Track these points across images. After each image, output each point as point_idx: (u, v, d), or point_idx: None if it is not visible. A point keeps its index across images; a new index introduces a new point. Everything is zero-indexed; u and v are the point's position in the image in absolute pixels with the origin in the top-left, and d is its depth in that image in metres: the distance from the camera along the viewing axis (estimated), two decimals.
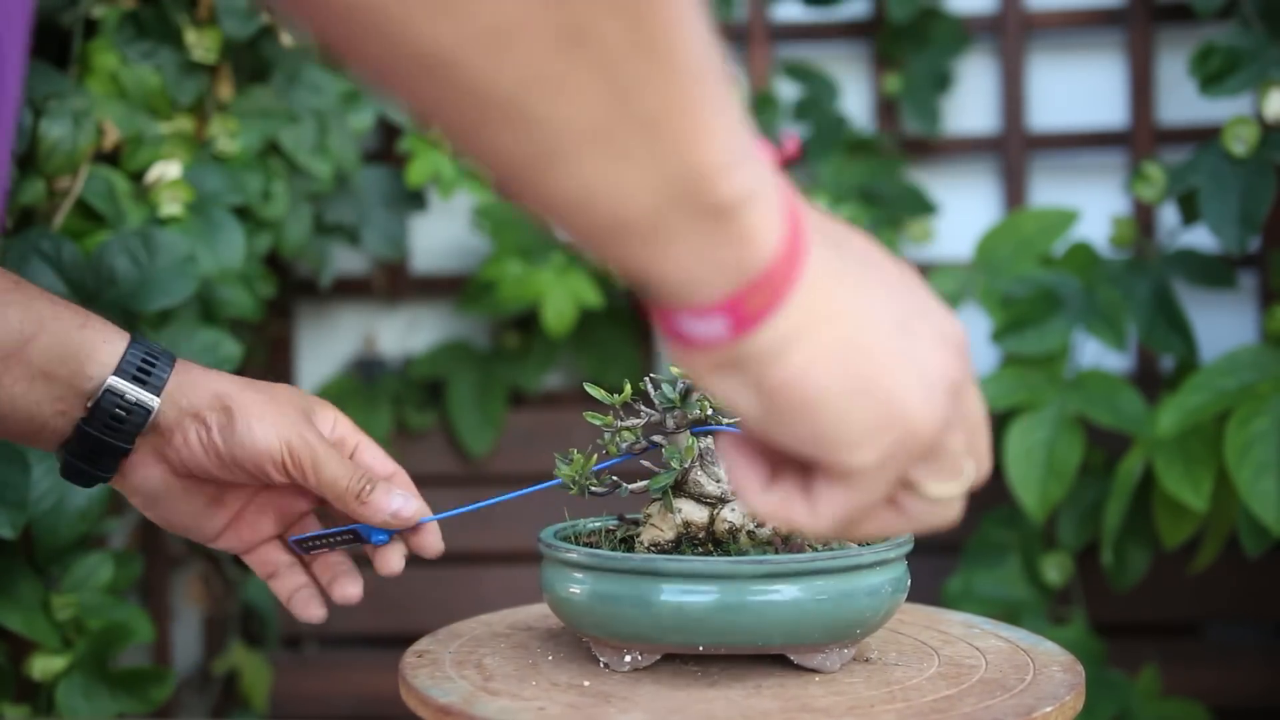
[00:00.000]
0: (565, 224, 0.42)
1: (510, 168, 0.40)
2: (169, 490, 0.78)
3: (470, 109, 0.38)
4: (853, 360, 0.45)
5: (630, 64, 0.39)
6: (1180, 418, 1.44)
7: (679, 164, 0.41)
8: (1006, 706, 0.70)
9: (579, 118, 0.39)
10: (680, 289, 0.43)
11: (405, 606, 1.88)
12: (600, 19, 0.37)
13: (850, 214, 1.77)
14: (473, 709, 0.70)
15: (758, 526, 0.79)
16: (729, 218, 0.42)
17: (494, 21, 0.36)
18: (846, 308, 0.46)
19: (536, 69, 0.38)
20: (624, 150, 0.40)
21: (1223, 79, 1.48)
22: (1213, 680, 1.76)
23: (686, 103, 0.40)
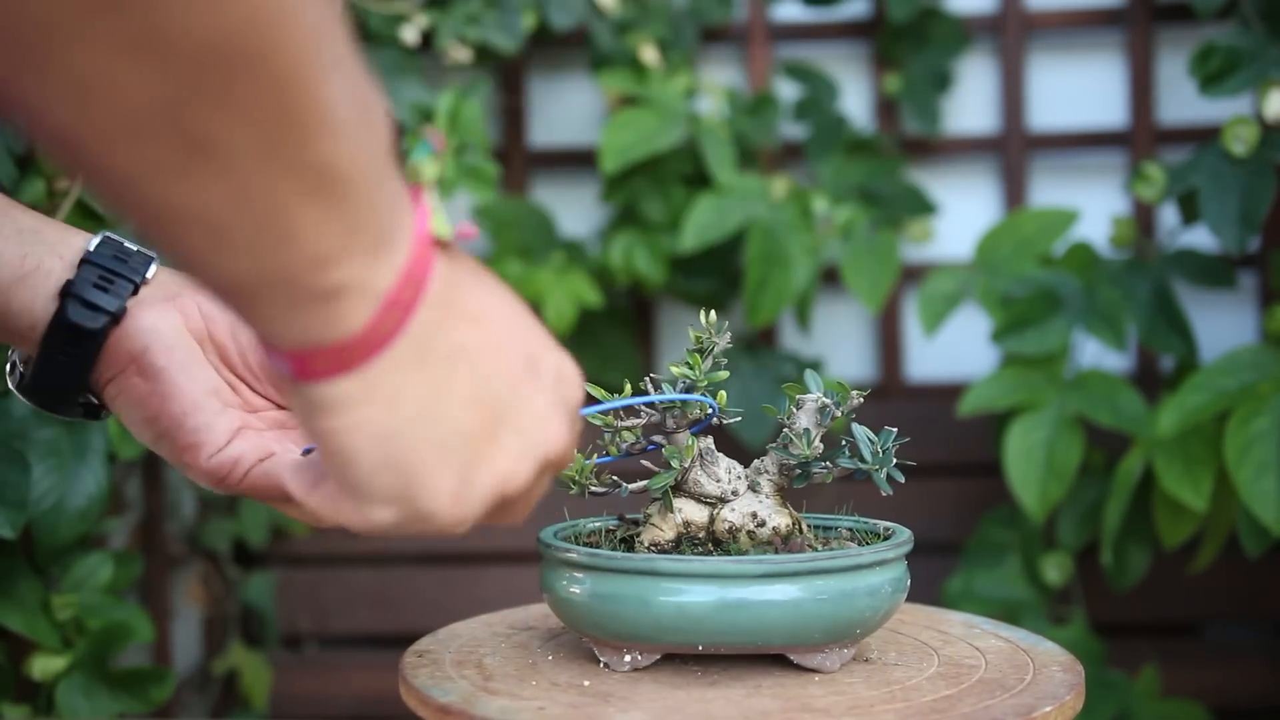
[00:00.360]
0: (162, 251, 0.47)
1: (131, 225, 0.44)
2: (180, 342, 0.69)
3: (94, 178, 0.41)
4: (392, 447, 0.51)
5: (250, 173, 0.41)
6: (1180, 418, 1.44)
7: (280, 257, 0.44)
8: (1006, 706, 0.70)
9: (196, 210, 0.42)
10: (265, 331, 0.48)
11: (405, 606, 1.88)
12: (232, 130, 0.40)
13: (850, 214, 1.77)
14: (473, 709, 0.70)
15: (758, 526, 0.79)
16: (316, 301, 0.46)
17: (120, 118, 0.38)
18: (409, 403, 0.50)
19: (160, 163, 0.40)
20: (233, 241, 0.43)
21: (1223, 79, 1.48)
22: (1213, 680, 1.76)
23: (299, 206, 0.43)
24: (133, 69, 0.37)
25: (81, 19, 0.36)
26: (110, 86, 0.38)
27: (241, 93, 0.39)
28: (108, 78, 0.37)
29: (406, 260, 0.49)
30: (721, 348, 0.80)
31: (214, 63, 0.38)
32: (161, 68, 0.38)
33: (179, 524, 1.80)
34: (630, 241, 1.81)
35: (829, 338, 1.98)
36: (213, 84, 0.39)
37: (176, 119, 0.39)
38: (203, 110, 0.39)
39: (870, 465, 0.78)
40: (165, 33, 0.37)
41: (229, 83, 0.39)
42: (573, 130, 2.00)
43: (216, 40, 0.38)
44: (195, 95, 0.39)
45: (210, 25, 0.38)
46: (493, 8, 1.68)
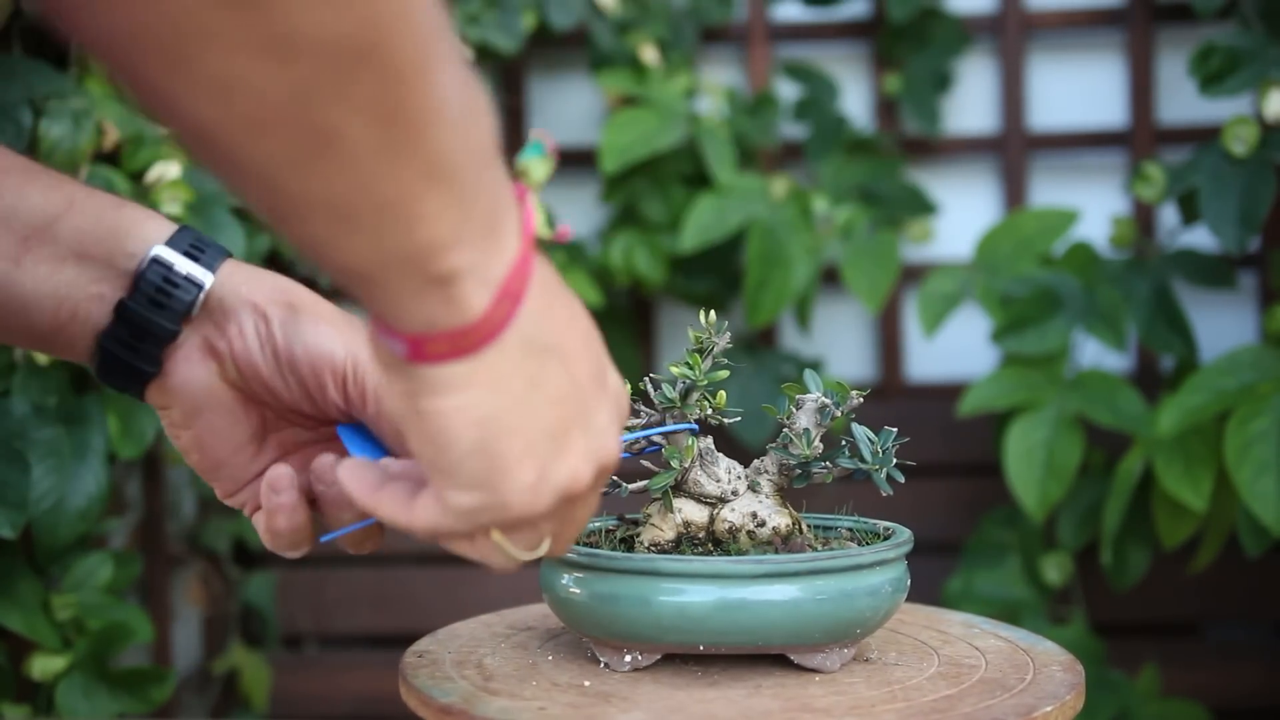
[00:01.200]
0: (308, 258, 0.49)
1: (262, 215, 0.47)
2: (213, 400, 0.69)
3: (229, 171, 0.45)
4: (488, 431, 0.53)
5: (373, 161, 0.44)
6: (1180, 418, 1.44)
7: (402, 241, 0.47)
8: (1006, 706, 0.70)
9: (323, 196, 0.45)
10: (384, 312, 0.51)
11: (405, 606, 1.88)
12: (352, 122, 0.43)
13: (850, 214, 1.77)
14: (473, 709, 0.70)
15: (758, 526, 0.79)
16: (435, 285, 0.49)
17: (253, 113, 0.42)
18: (509, 392, 0.53)
19: (289, 154, 0.43)
20: (357, 226, 0.46)
21: (1223, 79, 1.48)
22: (1212, 680, 1.76)
23: (418, 193, 0.46)
24: (267, 67, 0.41)
25: (223, 22, 0.39)
26: (247, 84, 0.41)
27: (363, 87, 0.42)
28: (245, 76, 0.41)
29: (516, 253, 0.51)
30: (721, 348, 0.80)
31: (337, 60, 0.41)
32: (292, 65, 0.41)
33: (179, 524, 1.80)
34: (630, 241, 1.81)
35: (829, 338, 1.98)
36: (336, 79, 0.42)
37: (304, 112, 0.42)
38: (328, 104, 0.42)
39: (870, 465, 0.78)
40: (295, 33, 0.40)
41: (351, 78, 0.42)
42: (573, 130, 2.00)
43: (340, 39, 0.41)
44: (321, 90, 0.42)
45: (335, 25, 0.41)
46: (493, 8, 1.68)
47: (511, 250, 0.51)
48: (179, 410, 0.69)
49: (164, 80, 0.41)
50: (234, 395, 0.69)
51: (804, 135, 1.92)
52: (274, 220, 0.47)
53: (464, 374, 0.52)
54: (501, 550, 0.59)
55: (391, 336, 0.51)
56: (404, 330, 0.51)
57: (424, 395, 0.52)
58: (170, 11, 0.39)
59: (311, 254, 0.48)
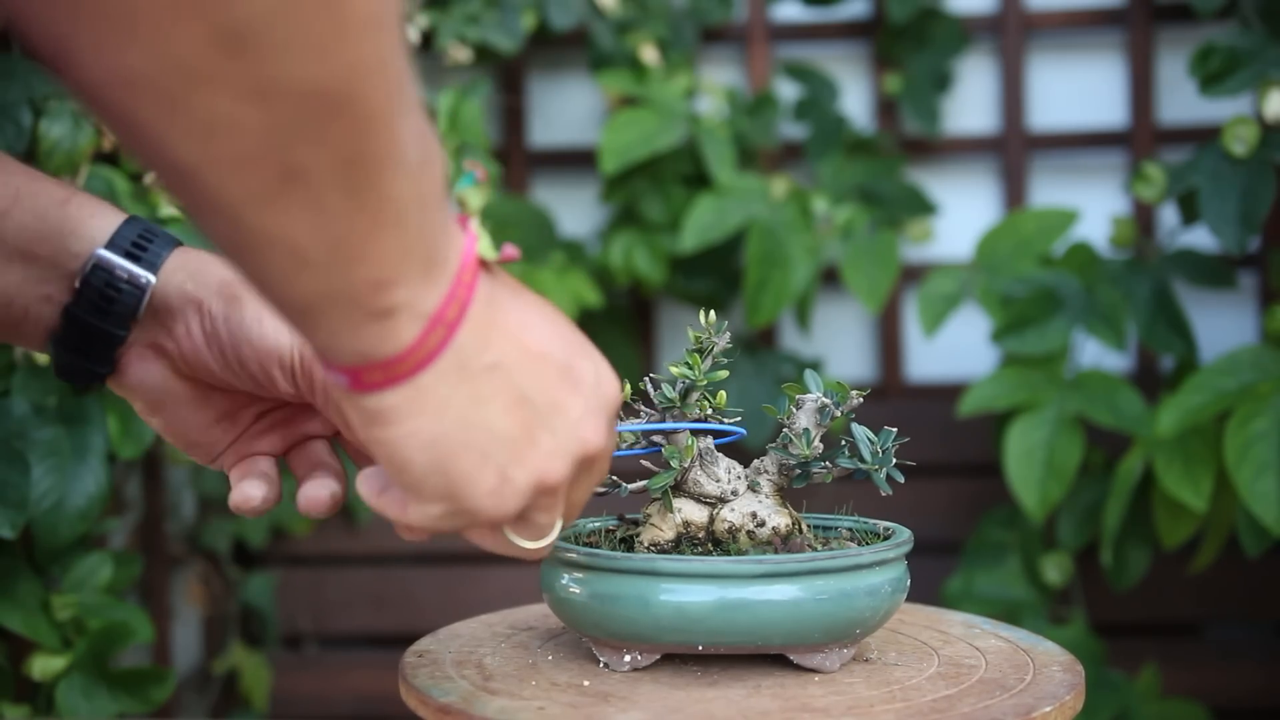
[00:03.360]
0: (260, 292, 0.51)
1: (224, 248, 0.49)
2: (172, 394, 0.70)
3: (201, 206, 0.47)
4: (439, 452, 0.56)
5: (333, 201, 0.47)
6: (1180, 418, 1.44)
7: (348, 278, 0.50)
8: (1006, 706, 0.70)
9: (281, 232, 0.47)
10: (323, 346, 0.53)
11: (405, 606, 1.88)
12: (320, 164, 0.46)
13: (850, 214, 1.77)
14: (472, 709, 0.70)
15: (757, 526, 0.79)
16: (373, 319, 0.52)
17: (233, 151, 0.44)
18: (451, 412, 0.55)
19: (259, 190, 0.46)
20: (307, 261, 0.48)
21: (1223, 79, 1.48)
22: (1213, 680, 1.76)
23: (365, 233, 0.49)
24: (250, 109, 0.43)
25: (216, 67, 0.42)
26: (230, 125, 0.43)
27: (333, 131, 0.45)
28: (230, 117, 0.43)
29: (451, 283, 0.54)
30: (721, 348, 0.80)
31: (315, 105, 0.44)
32: (273, 108, 0.43)
33: (179, 524, 1.80)
34: (630, 241, 1.81)
35: (829, 338, 1.98)
36: (312, 123, 0.45)
37: (278, 153, 0.45)
38: (301, 146, 0.45)
39: (870, 465, 0.78)
40: (280, 77, 0.43)
41: (325, 123, 0.45)
42: (573, 130, 2.00)
43: (319, 85, 0.44)
44: (296, 132, 0.44)
45: (316, 72, 0.43)
46: (493, 8, 1.68)
47: (445, 281, 0.53)
48: (141, 402, 0.71)
49: (155, 122, 0.43)
50: (191, 387, 0.71)
51: (804, 135, 1.92)
52: (231, 254, 0.49)
53: (404, 402, 0.54)
54: (518, 544, 0.62)
55: (332, 370, 0.54)
56: (342, 363, 0.53)
57: (373, 425, 0.55)
58: (170, 56, 0.41)
59: (259, 287, 0.51)
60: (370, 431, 0.55)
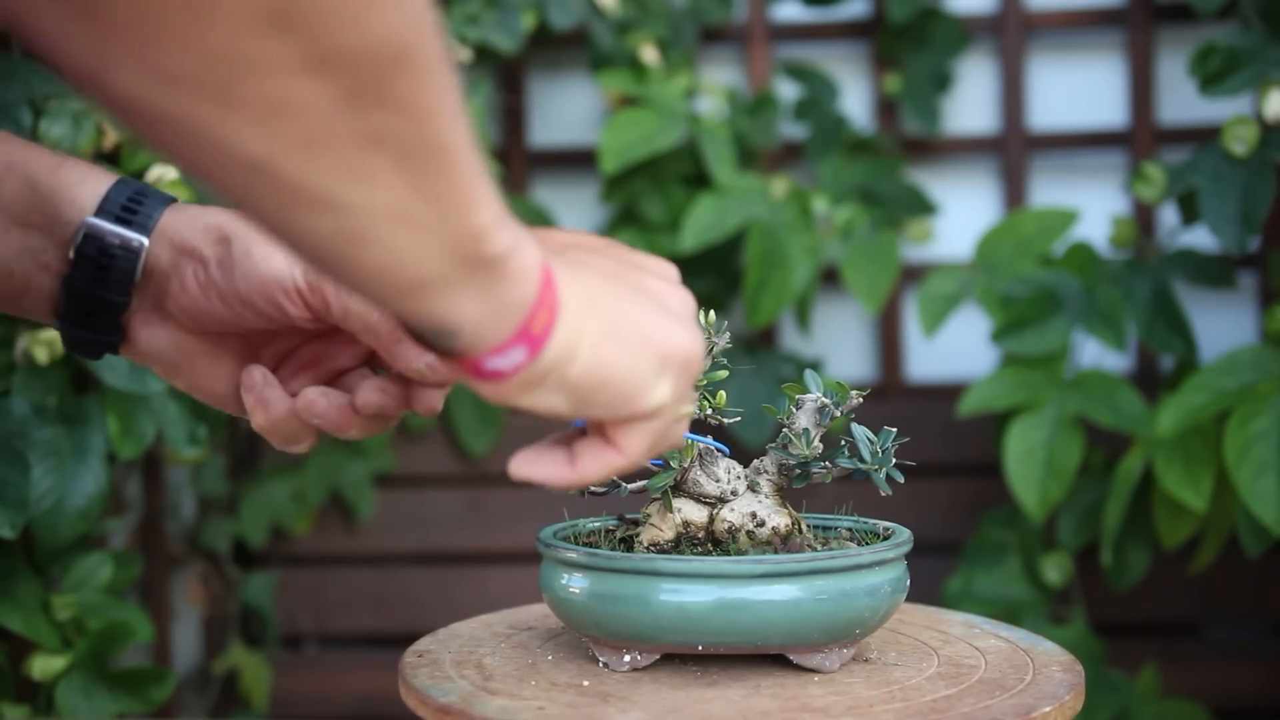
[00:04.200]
0: (371, 291, 0.51)
1: (321, 247, 0.48)
2: (186, 353, 0.68)
3: (286, 200, 0.45)
4: (622, 330, 0.58)
5: (419, 156, 0.47)
6: (1180, 418, 1.44)
7: (462, 229, 0.50)
8: (1006, 706, 0.70)
9: (382, 201, 0.47)
10: (479, 333, 0.53)
11: (405, 606, 1.88)
12: (392, 124, 0.45)
13: (850, 214, 1.77)
14: (472, 709, 0.70)
15: (757, 526, 0.79)
16: (503, 265, 0.52)
17: (305, 131, 0.43)
18: (597, 296, 0.58)
19: (345, 166, 0.45)
20: (420, 223, 0.48)
21: (1223, 79, 1.48)
22: (1213, 680, 1.76)
23: (461, 181, 0.49)
24: (311, 85, 0.42)
25: (267, 49, 0.41)
26: (294, 106, 0.42)
27: (402, 87, 0.44)
28: (292, 98, 0.42)
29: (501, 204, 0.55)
30: (721, 348, 0.80)
31: (376, 67, 0.43)
32: (336, 78, 0.42)
33: (179, 524, 1.80)
34: (630, 241, 1.81)
35: (829, 338, 1.98)
36: (378, 84, 0.44)
37: (353, 121, 0.44)
38: (374, 110, 0.44)
39: (870, 465, 0.78)
40: (335, 46, 0.42)
41: (391, 80, 0.44)
42: (573, 130, 2.00)
43: (376, 46, 0.43)
44: (366, 97, 0.44)
45: (371, 34, 0.43)
46: (493, 8, 1.68)
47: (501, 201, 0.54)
48: (159, 366, 0.69)
49: (212, 120, 0.42)
50: (203, 341, 0.68)
51: (804, 135, 1.92)
52: (341, 250, 0.48)
53: (570, 321, 0.55)
54: (684, 416, 0.63)
55: (503, 352, 0.54)
56: (507, 334, 0.53)
57: (566, 371, 0.56)
58: (211, 47, 0.40)
59: (384, 280, 0.49)
60: (567, 377, 0.56)
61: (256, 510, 1.83)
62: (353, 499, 1.86)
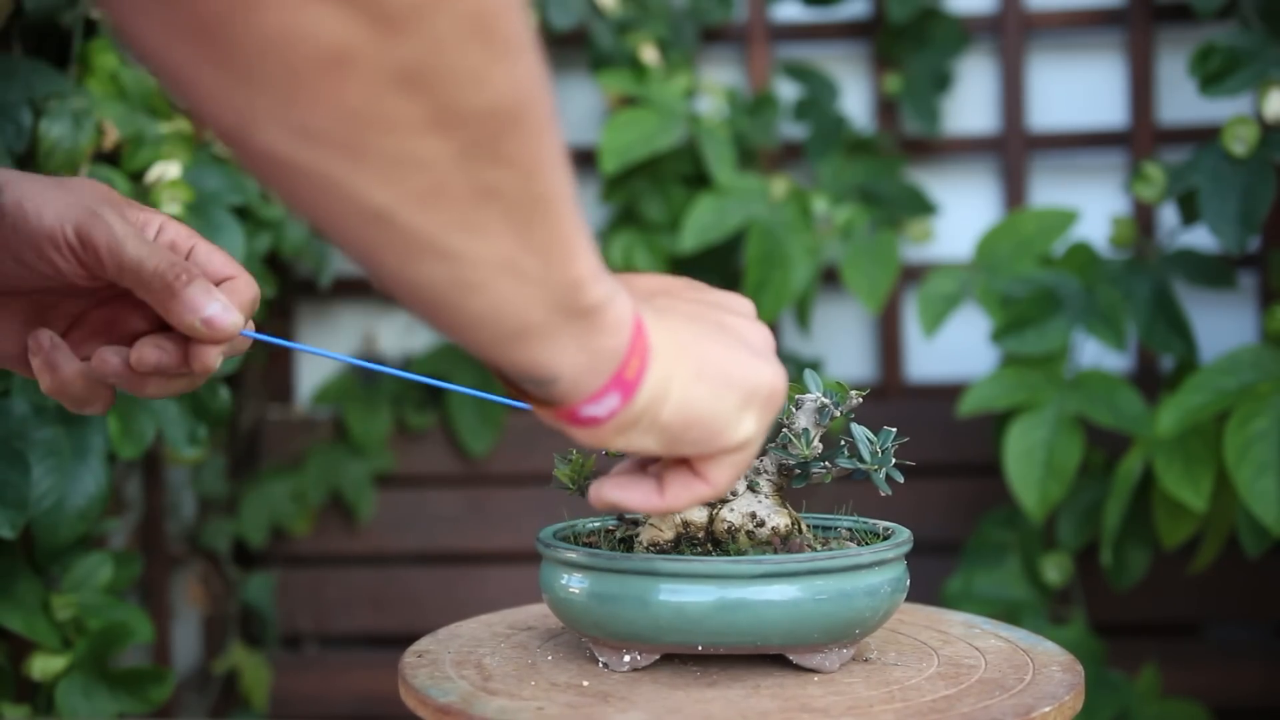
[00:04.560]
0: (475, 336, 0.53)
1: (432, 294, 0.50)
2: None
3: (402, 249, 0.48)
4: (707, 371, 0.60)
5: (527, 209, 0.49)
6: (1180, 418, 1.44)
7: (563, 280, 0.52)
8: (1006, 706, 0.70)
9: (491, 251, 0.49)
10: (577, 380, 0.56)
11: (405, 606, 1.88)
12: (504, 177, 0.48)
13: (850, 214, 1.77)
14: (472, 709, 0.70)
15: (757, 526, 0.79)
16: (599, 314, 0.55)
17: (425, 185, 0.46)
18: (683, 339, 0.60)
19: (459, 217, 0.48)
20: (525, 273, 0.51)
21: (1223, 79, 1.48)
22: (1213, 680, 1.76)
23: (565, 233, 0.52)
24: (434, 142, 0.45)
25: (397, 107, 0.44)
26: (418, 160, 0.45)
27: (515, 144, 0.47)
28: (416, 153, 0.45)
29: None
30: None
31: (493, 124, 0.46)
32: (455, 136, 0.45)
33: (179, 524, 1.80)
34: (630, 241, 1.81)
35: (829, 338, 1.98)
36: (493, 141, 0.47)
37: (468, 175, 0.47)
38: (488, 165, 0.47)
39: (869, 465, 0.78)
40: (459, 106, 0.45)
41: (504, 139, 0.47)
42: (573, 130, 2.00)
43: (493, 105, 0.46)
44: (481, 153, 0.47)
45: (491, 94, 0.45)
46: None
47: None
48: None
49: (342, 173, 0.45)
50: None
51: (804, 135, 1.92)
52: (450, 292, 0.50)
53: (661, 367, 0.58)
54: (752, 448, 0.64)
55: (599, 399, 0.57)
56: (600, 380, 0.56)
57: (658, 414, 0.59)
58: (347, 106, 0.43)
59: (488, 327, 0.52)
60: (658, 420, 0.59)
61: (256, 510, 1.83)
62: (353, 499, 1.86)
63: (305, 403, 1.99)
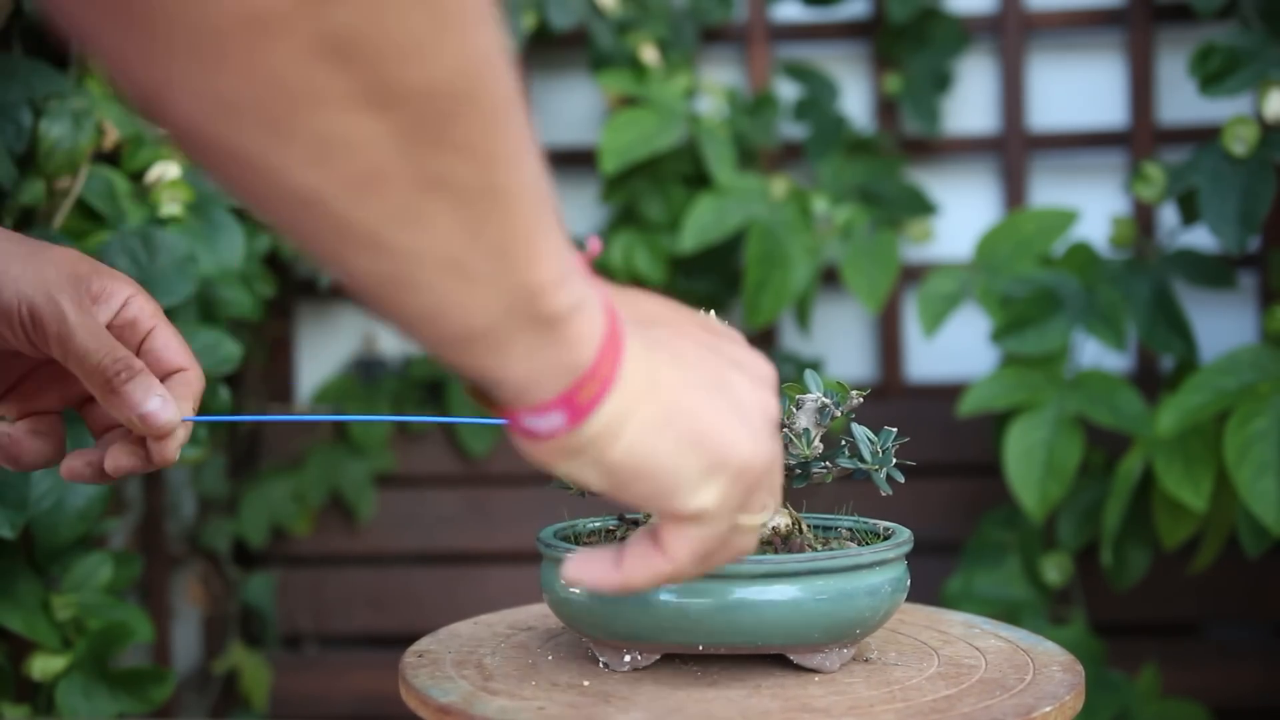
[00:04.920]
0: (416, 335, 0.48)
1: (369, 287, 0.46)
2: None
3: (335, 238, 0.44)
4: (677, 422, 0.53)
5: (480, 203, 0.44)
6: (1180, 418, 1.44)
7: (518, 285, 0.47)
8: (1006, 706, 0.70)
9: (435, 248, 0.44)
10: (522, 390, 0.50)
11: (405, 606, 1.88)
12: (453, 166, 0.43)
13: (850, 214, 1.77)
14: (472, 709, 0.70)
15: None
16: (560, 326, 0.49)
17: (359, 169, 0.42)
18: (663, 380, 0.54)
19: (399, 208, 0.43)
20: (474, 274, 0.46)
21: (1222, 79, 1.48)
22: (1213, 680, 1.76)
23: (525, 232, 0.46)
24: (368, 121, 0.41)
25: (323, 80, 0.39)
26: (350, 141, 0.41)
27: (465, 130, 0.43)
28: (348, 133, 0.41)
29: (584, 269, 0.52)
30: None
31: (437, 106, 0.42)
32: (394, 116, 0.41)
33: (179, 524, 1.80)
34: (630, 241, 1.81)
35: (829, 338, 1.98)
36: (438, 126, 0.42)
37: (411, 163, 0.42)
38: (434, 152, 0.42)
39: (870, 465, 0.78)
40: (396, 83, 0.40)
41: (451, 123, 0.42)
42: (573, 130, 2.00)
43: (438, 84, 0.41)
44: (426, 138, 0.42)
45: (433, 71, 0.41)
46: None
47: (582, 268, 0.52)
48: None
49: (264, 151, 0.41)
50: None
51: (804, 135, 1.92)
52: (389, 292, 0.46)
53: (623, 399, 0.52)
54: (749, 527, 0.58)
55: (542, 414, 0.51)
56: (549, 394, 0.50)
57: (606, 449, 0.52)
58: (269, 75, 0.39)
59: (428, 327, 0.47)
60: (606, 459, 0.53)
61: (256, 510, 1.83)
62: (353, 499, 1.86)
63: (305, 403, 1.99)
